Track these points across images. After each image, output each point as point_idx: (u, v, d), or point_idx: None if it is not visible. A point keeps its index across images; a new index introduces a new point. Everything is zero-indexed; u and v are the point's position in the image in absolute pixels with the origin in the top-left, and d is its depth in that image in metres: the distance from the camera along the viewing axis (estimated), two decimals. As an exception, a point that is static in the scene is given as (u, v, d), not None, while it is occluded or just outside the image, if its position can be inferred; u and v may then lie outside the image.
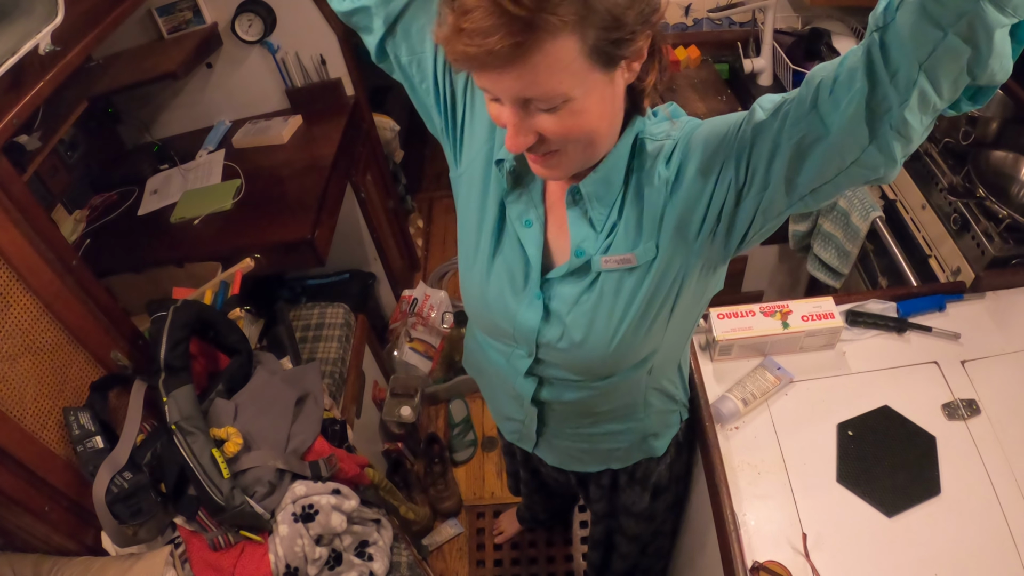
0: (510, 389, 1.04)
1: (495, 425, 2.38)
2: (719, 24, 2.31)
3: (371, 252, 2.40)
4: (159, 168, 2.09)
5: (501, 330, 0.94)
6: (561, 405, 1.02)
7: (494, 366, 1.04)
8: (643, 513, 1.29)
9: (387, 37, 0.88)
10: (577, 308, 0.85)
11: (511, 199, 0.87)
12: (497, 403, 1.17)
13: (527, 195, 0.86)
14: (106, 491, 1.08)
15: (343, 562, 1.24)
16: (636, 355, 0.91)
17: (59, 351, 1.13)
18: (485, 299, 0.92)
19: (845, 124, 0.61)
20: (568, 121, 0.68)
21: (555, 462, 1.20)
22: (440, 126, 0.92)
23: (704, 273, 0.85)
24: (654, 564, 1.57)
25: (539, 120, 0.68)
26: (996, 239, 1.41)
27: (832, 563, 1.01)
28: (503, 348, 0.98)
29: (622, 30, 0.64)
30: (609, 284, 0.83)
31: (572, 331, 0.86)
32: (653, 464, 1.19)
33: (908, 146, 0.63)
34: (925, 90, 0.56)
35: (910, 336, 1.31)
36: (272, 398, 1.31)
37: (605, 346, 0.86)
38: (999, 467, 1.09)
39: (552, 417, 1.07)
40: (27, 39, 1.05)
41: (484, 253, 0.90)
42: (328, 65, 2.16)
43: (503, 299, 0.90)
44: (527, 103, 0.67)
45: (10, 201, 1.05)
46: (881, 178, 0.67)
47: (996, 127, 1.60)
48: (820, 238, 1.96)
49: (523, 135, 0.69)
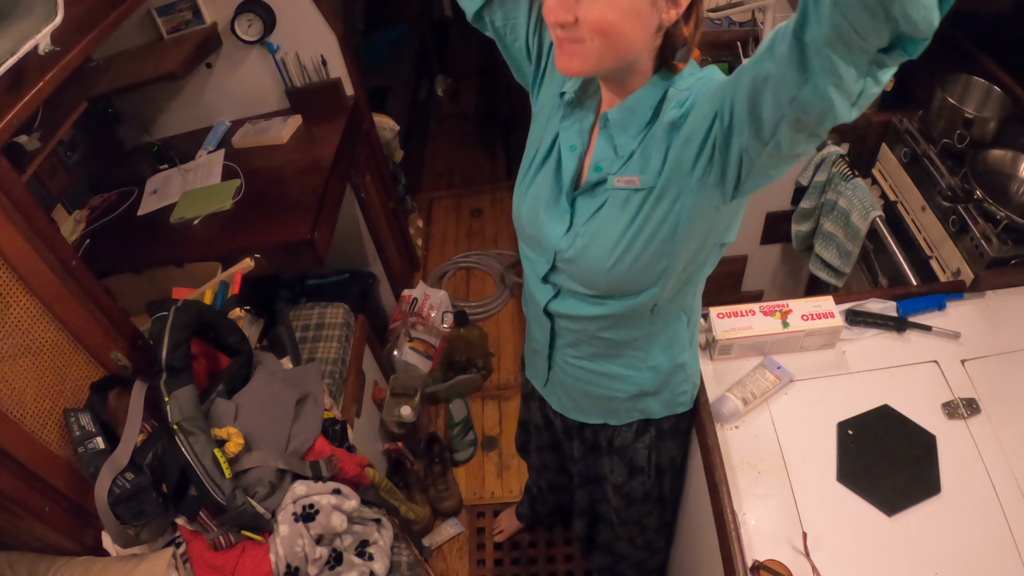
0: (535, 305, 1.15)
1: (495, 425, 2.40)
2: (719, 24, 2.31)
3: (371, 252, 2.40)
4: (159, 168, 2.09)
5: (531, 238, 1.08)
6: (570, 321, 1.11)
7: (528, 281, 1.16)
8: (620, 488, 1.33)
9: (485, 6, 1.06)
10: (590, 221, 0.97)
11: (564, 125, 1.01)
12: (530, 334, 1.28)
13: (578, 126, 0.99)
14: (108, 492, 1.08)
15: (343, 562, 1.24)
16: (637, 279, 0.99)
17: (59, 351, 1.13)
18: (522, 210, 1.08)
19: (784, 57, 0.65)
20: (606, 10, 0.78)
21: (559, 407, 1.31)
22: (528, 74, 1.10)
23: (705, 211, 0.90)
24: (647, 560, 1.57)
25: (581, 5, 0.79)
26: (994, 240, 1.41)
27: (832, 562, 1.01)
28: (532, 257, 1.11)
29: None
30: (616, 200, 0.94)
31: (581, 240, 0.98)
32: (632, 438, 1.24)
33: (843, 93, 0.64)
34: (840, 24, 0.58)
35: (910, 335, 1.31)
36: (272, 398, 1.31)
37: (605, 258, 0.96)
38: (999, 466, 1.09)
39: (561, 336, 1.16)
40: (27, 39, 1.05)
41: (531, 171, 1.06)
42: (328, 65, 2.16)
43: (536, 211, 1.04)
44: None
45: (10, 202, 1.05)
46: (832, 118, 0.68)
47: (995, 126, 1.60)
48: (821, 238, 1.96)
49: (565, 11, 0.80)
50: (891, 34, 0.59)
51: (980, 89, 1.71)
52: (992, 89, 1.69)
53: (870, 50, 0.60)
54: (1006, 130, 1.60)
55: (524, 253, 1.15)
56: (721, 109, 0.77)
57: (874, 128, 1.88)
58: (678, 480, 1.39)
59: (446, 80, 4.12)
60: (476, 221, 3.21)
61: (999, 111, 1.64)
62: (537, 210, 1.04)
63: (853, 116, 0.68)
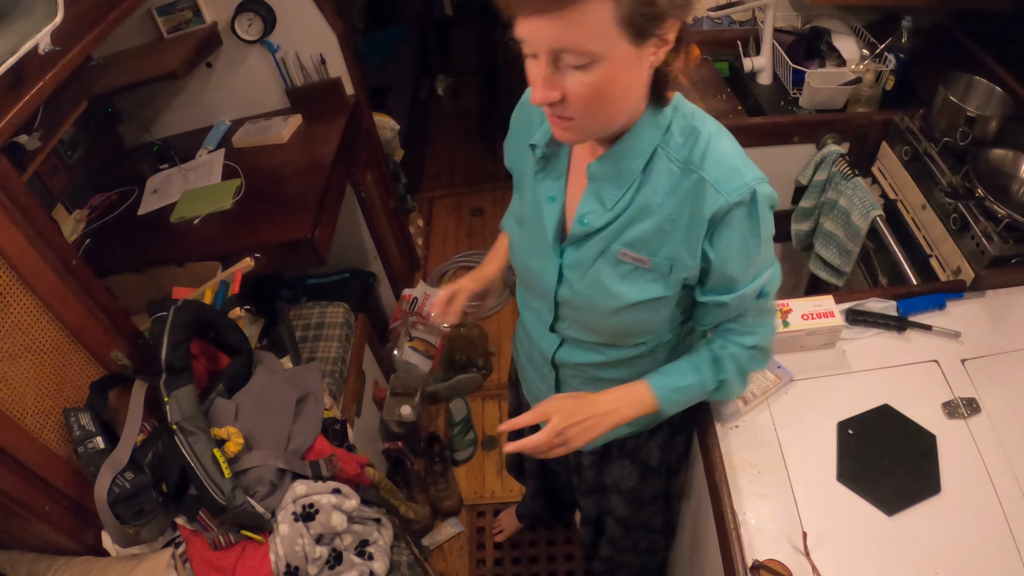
0: (537, 355, 1.16)
1: (495, 424, 2.40)
2: (719, 23, 2.31)
3: (371, 252, 2.40)
4: (159, 168, 2.09)
5: (531, 286, 1.08)
6: (575, 369, 1.12)
7: (531, 326, 1.15)
8: (631, 492, 1.31)
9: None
10: (584, 274, 0.97)
11: (539, 178, 1.00)
12: (527, 377, 1.29)
13: (554, 175, 0.98)
14: (108, 492, 1.08)
15: (343, 561, 1.24)
16: (634, 331, 1.02)
17: (59, 351, 1.13)
18: (517, 256, 1.09)
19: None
20: (593, 83, 0.75)
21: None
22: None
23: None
24: (647, 562, 1.57)
25: (567, 79, 0.76)
26: (996, 239, 1.41)
27: (832, 562, 1.01)
28: (537, 307, 1.11)
29: (654, 7, 0.72)
30: (619, 270, 0.94)
31: (578, 291, 0.98)
32: (645, 438, 1.24)
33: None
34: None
35: (910, 335, 1.31)
36: (273, 398, 1.32)
37: (606, 306, 0.97)
38: (999, 466, 1.09)
39: (566, 384, 1.17)
40: (27, 39, 1.05)
41: (520, 222, 1.06)
42: (328, 65, 2.16)
43: (529, 260, 1.04)
44: (559, 58, 0.74)
45: (10, 201, 1.05)
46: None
47: (996, 125, 1.59)
48: (822, 237, 1.96)
49: (549, 88, 0.76)
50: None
51: (982, 89, 1.71)
52: (994, 89, 1.68)
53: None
54: (1007, 129, 1.60)
55: (528, 303, 1.15)
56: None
57: (875, 127, 1.88)
58: (681, 476, 1.39)
59: (447, 79, 4.12)
60: (477, 220, 3.21)
61: (1000, 110, 1.64)
62: (528, 259, 1.05)
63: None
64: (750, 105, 2.12)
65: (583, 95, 0.76)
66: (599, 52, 0.73)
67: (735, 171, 0.87)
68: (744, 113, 2.07)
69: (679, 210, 0.89)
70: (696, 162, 0.87)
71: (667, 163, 0.88)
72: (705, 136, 0.88)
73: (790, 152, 1.98)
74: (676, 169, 0.88)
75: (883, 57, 1.90)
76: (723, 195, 0.86)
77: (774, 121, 1.95)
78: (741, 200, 0.86)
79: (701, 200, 0.87)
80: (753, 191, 0.86)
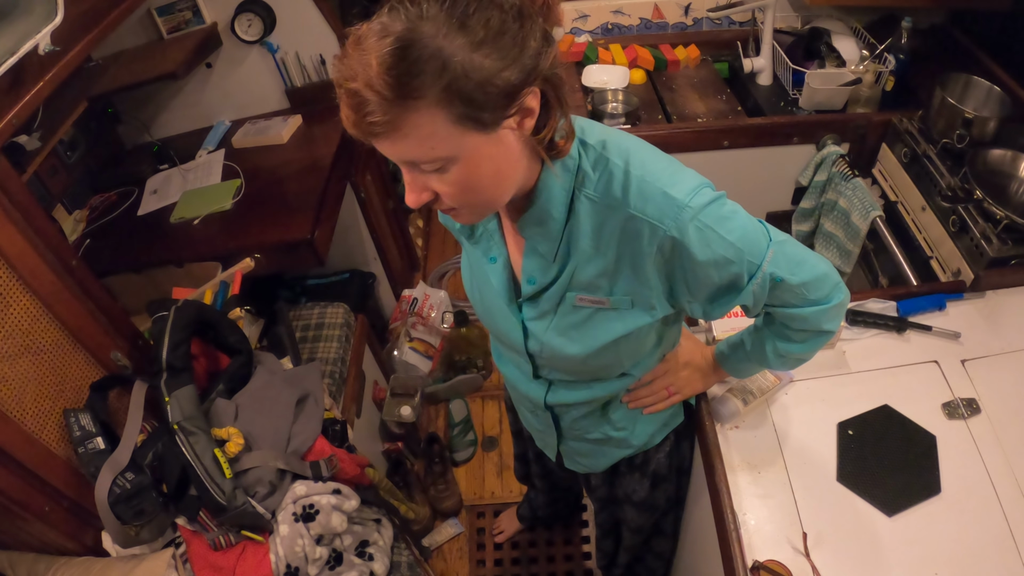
0: (527, 400, 1.15)
1: (495, 425, 2.40)
2: (719, 23, 2.32)
3: (371, 252, 2.40)
4: (159, 168, 2.09)
5: (504, 342, 1.06)
6: (568, 408, 1.12)
7: (513, 377, 1.14)
8: (644, 502, 1.31)
9: None
10: (548, 327, 0.95)
11: (473, 243, 0.99)
12: (523, 416, 1.28)
13: (487, 236, 0.96)
14: (108, 492, 1.08)
15: (343, 562, 1.24)
16: (615, 366, 1.01)
17: (59, 351, 1.13)
18: (481, 315, 1.06)
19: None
20: (456, 180, 0.73)
21: (581, 469, 1.30)
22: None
23: (670, 320, 1.00)
24: (655, 566, 1.57)
25: (431, 179, 0.73)
26: (995, 240, 1.41)
27: (832, 562, 1.01)
28: (512, 358, 1.09)
29: (489, 96, 0.67)
30: (581, 315, 0.92)
31: (549, 345, 0.96)
32: (652, 451, 1.23)
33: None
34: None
35: (910, 335, 1.31)
36: (273, 398, 1.32)
37: (578, 352, 0.95)
38: (999, 466, 1.09)
39: (566, 424, 1.16)
40: (27, 39, 1.05)
41: (472, 279, 1.04)
42: (328, 65, 2.16)
43: (494, 319, 1.02)
44: (415, 165, 0.72)
45: (10, 201, 1.05)
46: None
47: (995, 126, 1.59)
48: (822, 238, 1.96)
49: (417, 192, 0.75)
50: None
51: (980, 89, 1.71)
52: (992, 89, 1.68)
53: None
54: (1006, 130, 1.60)
55: (504, 356, 1.14)
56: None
57: (874, 128, 1.88)
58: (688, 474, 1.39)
59: (446, 80, 4.12)
60: (476, 221, 3.21)
61: (999, 111, 1.64)
62: (490, 318, 1.03)
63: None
64: (750, 106, 2.12)
65: (452, 192, 0.74)
66: (448, 155, 0.69)
67: (663, 196, 0.80)
68: (744, 114, 2.07)
69: (620, 249, 0.85)
70: (619, 197, 0.81)
71: (589, 204, 0.83)
72: (620, 166, 0.82)
73: (790, 153, 1.99)
74: (600, 206, 0.83)
75: (883, 58, 1.90)
76: (660, 226, 0.80)
77: (774, 122, 1.95)
78: (682, 223, 0.80)
79: (639, 236, 0.82)
80: (689, 209, 0.80)
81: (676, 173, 0.83)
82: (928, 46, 2.04)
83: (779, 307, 0.94)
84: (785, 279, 0.88)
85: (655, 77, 2.24)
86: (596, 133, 0.85)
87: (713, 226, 0.81)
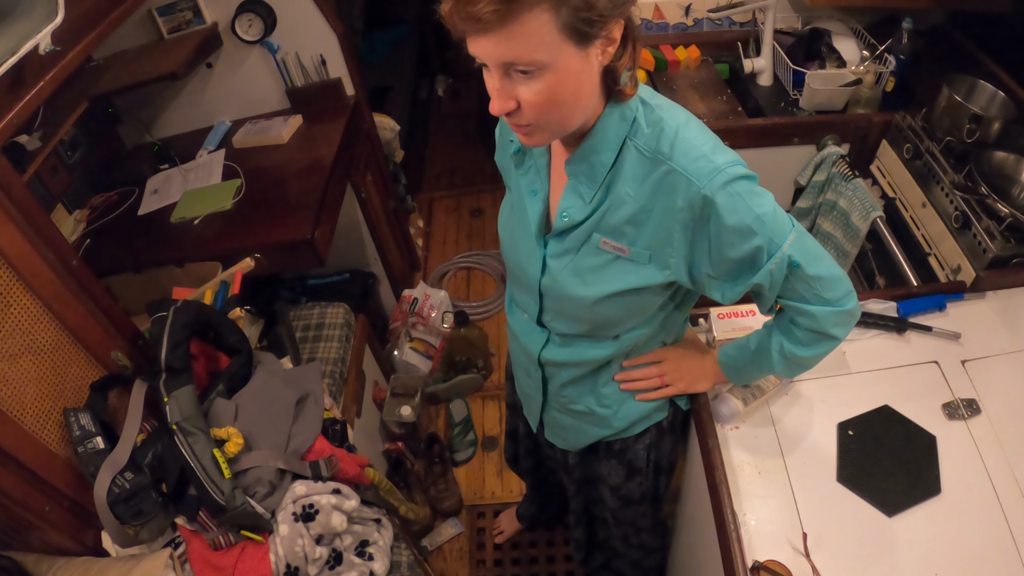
0: (524, 356, 1.19)
1: (495, 425, 2.40)
2: (719, 24, 2.31)
3: (371, 252, 2.40)
4: (159, 168, 2.09)
5: (518, 278, 1.11)
6: (559, 370, 1.16)
7: (517, 327, 1.18)
8: (618, 488, 1.33)
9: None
10: (567, 264, 0.99)
11: (521, 173, 1.04)
12: (517, 376, 1.33)
13: (535, 170, 1.02)
14: (107, 492, 1.08)
15: (343, 562, 1.24)
16: (614, 323, 1.04)
17: (59, 351, 1.13)
18: (505, 247, 1.12)
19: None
20: (543, 90, 0.78)
21: (561, 444, 1.33)
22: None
23: (679, 300, 1.06)
24: (643, 560, 1.57)
25: (519, 88, 0.78)
26: (998, 238, 1.41)
27: (832, 563, 1.01)
28: (522, 300, 1.14)
29: (592, 11, 0.74)
30: (600, 259, 0.96)
31: (561, 284, 1.01)
32: (631, 440, 1.25)
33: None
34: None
35: (910, 336, 1.31)
36: (272, 398, 1.31)
37: (588, 294, 0.99)
38: (999, 467, 1.09)
39: (554, 387, 1.20)
40: (27, 39, 1.05)
41: (509, 211, 1.10)
42: (328, 65, 2.16)
43: (518, 252, 1.08)
44: (509, 70, 0.77)
45: (10, 201, 1.05)
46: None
47: (998, 128, 1.59)
48: (819, 237, 1.96)
49: (504, 99, 0.80)
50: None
51: (984, 92, 1.70)
52: (996, 92, 1.68)
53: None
54: (1009, 132, 1.60)
55: (515, 299, 1.18)
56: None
57: (875, 128, 1.88)
58: (671, 478, 1.39)
59: (447, 80, 4.12)
60: (477, 221, 3.21)
61: (1002, 113, 1.64)
62: (514, 250, 1.08)
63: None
64: (750, 106, 2.12)
65: (536, 102, 0.79)
66: (546, 61, 0.75)
67: (704, 158, 0.86)
68: (744, 114, 2.07)
69: (652, 200, 0.90)
70: (665, 152, 0.87)
71: (636, 154, 0.89)
72: (672, 126, 0.88)
73: (790, 153, 1.99)
74: (646, 159, 0.89)
75: (883, 58, 1.90)
76: (695, 183, 0.86)
77: (774, 122, 1.95)
78: (715, 184, 0.85)
79: (674, 190, 0.88)
80: (726, 173, 0.86)
81: (721, 147, 0.90)
82: (928, 47, 2.04)
83: (791, 300, 0.97)
84: (802, 265, 0.92)
85: (656, 77, 2.24)
86: (659, 99, 0.93)
87: (743, 195, 0.87)
